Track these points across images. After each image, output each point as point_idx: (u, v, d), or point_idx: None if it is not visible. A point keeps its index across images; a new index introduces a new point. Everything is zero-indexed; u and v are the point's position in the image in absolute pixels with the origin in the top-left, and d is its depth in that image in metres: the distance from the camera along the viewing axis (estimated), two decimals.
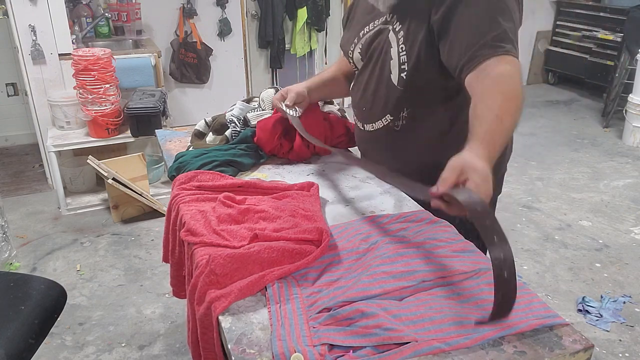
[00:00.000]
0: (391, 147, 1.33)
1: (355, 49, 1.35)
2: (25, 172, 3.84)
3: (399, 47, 1.20)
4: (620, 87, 4.59)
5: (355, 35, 1.35)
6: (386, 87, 1.26)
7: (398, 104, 1.26)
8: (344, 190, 1.35)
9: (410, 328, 0.82)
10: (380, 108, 1.30)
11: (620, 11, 4.96)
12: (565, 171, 3.81)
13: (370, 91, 1.31)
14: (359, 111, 1.39)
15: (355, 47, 1.35)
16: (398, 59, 1.21)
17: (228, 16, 4.37)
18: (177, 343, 2.19)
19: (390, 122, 1.29)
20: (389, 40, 1.23)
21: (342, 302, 0.88)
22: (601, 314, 2.33)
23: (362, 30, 1.32)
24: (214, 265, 0.93)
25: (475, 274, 0.96)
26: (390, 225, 1.14)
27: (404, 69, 1.20)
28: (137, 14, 3.94)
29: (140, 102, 3.10)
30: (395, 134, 1.30)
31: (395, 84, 1.23)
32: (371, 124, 1.34)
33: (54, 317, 1.33)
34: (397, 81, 1.23)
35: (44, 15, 3.12)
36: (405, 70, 1.20)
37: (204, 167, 1.37)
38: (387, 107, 1.28)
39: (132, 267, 2.70)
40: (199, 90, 4.53)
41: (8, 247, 2.61)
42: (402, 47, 1.20)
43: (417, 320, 0.84)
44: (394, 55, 1.22)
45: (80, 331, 2.25)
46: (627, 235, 2.99)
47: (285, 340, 0.81)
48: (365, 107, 1.35)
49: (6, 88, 4.14)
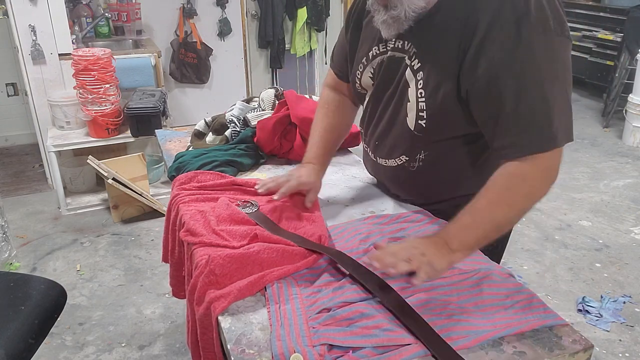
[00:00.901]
0: (407, 184, 1.23)
1: (365, 71, 1.19)
2: (25, 172, 3.84)
3: (418, 92, 1.06)
4: (620, 87, 4.59)
5: (362, 55, 1.19)
6: (401, 128, 1.12)
7: (414, 147, 1.14)
8: (344, 190, 1.35)
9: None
10: (394, 148, 1.17)
11: (620, 11, 4.96)
12: (565, 171, 3.81)
13: (382, 127, 1.18)
14: (371, 142, 1.24)
15: (364, 70, 1.19)
16: (416, 104, 1.07)
17: (228, 16, 4.37)
18: (177, 343, 2.19)
19: (406, 163, 1.17)
20: (406, 78, 1.09)
21: (341, 303, 0.87)
22: (601, 314, 2.32)
23: (372, 51, 1.16)
24: (213, 265, 0.93)
25: (475, 273, 0.96)
26: (390, 225, 1.14)
27: (422, 117, 1.07)
28: (137, 14, 3.94)
29: (140, 102, 3.10)
30: (411, 172, 1.18)
31: (411, 129, 1.10)
32: (384, 160, 1.22)
33: (54, 317, 1.33)
34: (413, 126, 1.09)
35: (44, 15, 3.12)
36: (424, 118, 1.07)
37: (204, 167, 1.37)
38: (401, 148, 1.16)
39: (132, 267, 2.70)
40: (199, 90, 4.53)
41: (8, 247, 2.61)
42: (421, 92, 1.06)
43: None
44: (411, 97, 1.08)
45: (80, 331, 2.25)
46: (627, 235, 2.99)
47: (284, 341, 0.80)
48: (378, 142, 1.21)
49: (6, 88, 4.14)
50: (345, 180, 1.40)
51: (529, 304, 0.89)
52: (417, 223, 1.14)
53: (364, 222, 1.17)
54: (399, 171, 1.20)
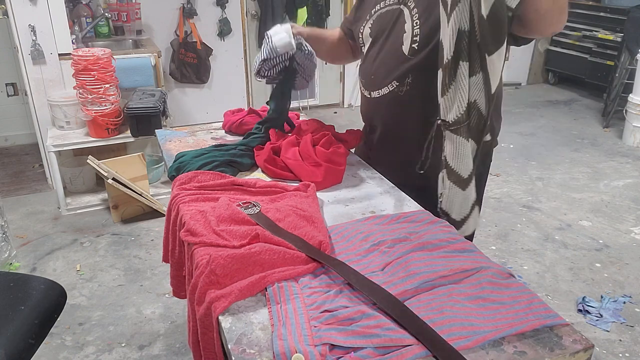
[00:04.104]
0: (395, 109, 1.43)
1: (366, 25, 1.48)
2: (25, 172, 3.84)
3: (413, 23, 1.33)
4: (620, 87, 4.59)
5: (367, 13, 1.48)
6: (396, 57, 1.38)
7: (405, 72, 1.37)
8: (344, 190, 1.35)
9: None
10: (388, 75, 1.41)
11: (620, 11, 4.97)
12: (565, 171, 3.81)
13: (379, 62, 1.43)
14: (367, 80, 1.49)
15: (366, 24, 1.48)
16: (412, 32, 1.33)
17: (228, 16, 4.37)
18: (177, 343, 2.19)
19: (396, 88, 1.40)
20: (403, 17, 1.36)
21: (342, 307, 0.87)
22: (601, 314, 2.32)
23: (374, 8, 1.45)
24: (214, 265, 0.93)
25: (477, 272, 0.96)
26: (390, 225, 1.14)
27: (415, 41, 1.32)
28: (137, 14, 3.94)
29: (140, 102, 3.10)
30: (400, 97, 1.40)
31: (405, 54, 1.35)
32: (377, 91, 1.45)
33: (53, 317, 1.33)
34: (407, 51, 1.35)
35: (44, 15, 3.12)
36: (417, 41, 1.32)
37: (204, 167, 1.37)
38: (394, 74, 1.39)
39: (132, 267, 2.70)
40: (199, 90, 4.53)
41: (8, 247, 2.61)
42: (416, 22, 1.32)
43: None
44: (407, 29, 1.34)
45: (80, 331, 2.25)
46: (627, 235, 2.99)
47: (286, 340, 0.80)
48: (373, 76, 1.46)
49: (6, 88, 4.14)
50: (345, 180, 1.41)
51: (529, 304, 0.89)
52: (417, 223, 1.14)
53: (364, 222, 1.17)
54: (389, 99, 1.42)
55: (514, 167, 3.91)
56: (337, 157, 1.38)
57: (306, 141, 1.40)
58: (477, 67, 1.10)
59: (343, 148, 1.42)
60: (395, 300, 0.88)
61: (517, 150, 4.22)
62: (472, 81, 1.11)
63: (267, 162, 1.39)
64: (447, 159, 1.19)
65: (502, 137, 4.47)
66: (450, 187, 1.20)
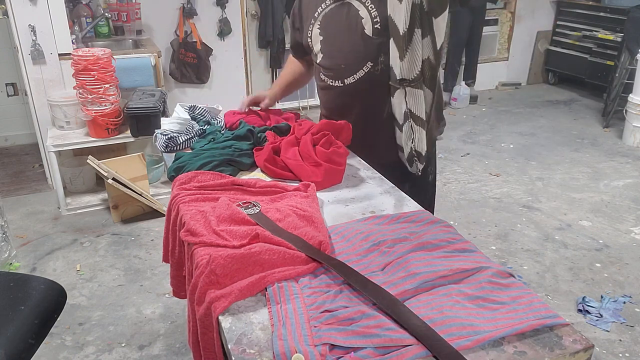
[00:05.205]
0: (373, 89, 1.52)
1: (313, 27, 1.56)
2: (25, 172, 3.84)
3: (368, 7, 1.44)
4: (620, 87, 4.59)
5: (309, 19, 1.57)
6: (362, 40, 1.47)
7: (376, 52, 1.47)
8: (344, 190, 1.35)
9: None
10: (360, 59, 1.50)
11: (620, 11, 4.96)
12: (565, 171, 3.81)
13: (346, 50, 1.51)
14: (337, 71, 1.56)
15: (312, 27, 1.56)
16: (370, 16, 1.44)
17: (228, 16, 4.37)
18: (177, 343, 2.19)
19: (371, 68, 1.50)
20: (354, 7, 1.46)
21: (342, 307, 0.87)
22: (601, 314, 2.32)
23: (316, 12, 1.54)
24: (214, 265, 0.93)
25: (477, 272, 0.96)
26: (390, 225, 1.14)
27: (377, 22, 1.44)
28: (137, 14, 3.94)
29: (140, 102, 3.10)
30: (377, 77, 1.50)
31: (370, 35, 1.46)
32: (352, 76, 1.53)
33: (53, 317, 1.33)
34: (372, 32, 1.45)
35: (44, 15, 3.12)
36: (378, 22, 1.43)
37: (203, 167, 1.37)
38: (367, 56, 1.48)
39: (132, 267, 2.70)
40: (199, 90, 4.53)
41: (8, 247, 2.61)
42: (371, 7, 1.44)
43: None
44: (364, 15, 1.45)
45: (80, 331, 2.25)
46: (627, 235, 2.99)
47: (286, 340, 0.80)
48: (344, 65, 1.53)
49: (6, 88, 4.14)
50: (345, 180, 1.41)
51: (529, 304, 0.89)
52: (417, 223, 1.14)
53: (364, 222, 1.17)
54: (366, 80, 1.51)
55: (514, 167, 3.91)
56: (337, 157, 1.38)
57: (306, 141, 1.40)
58: (427, 30, 1.35)
59: (343, 148, 1.42)
60: (395, 300, 0.88)
61: (517, 150, 4.22)
62: (424, 42, 1.37)
63: (267, 161, 1.39)
64: (411, 109, 1.44)
65: (502, 137, 4.48)
66: (418, 130, 1.47)
